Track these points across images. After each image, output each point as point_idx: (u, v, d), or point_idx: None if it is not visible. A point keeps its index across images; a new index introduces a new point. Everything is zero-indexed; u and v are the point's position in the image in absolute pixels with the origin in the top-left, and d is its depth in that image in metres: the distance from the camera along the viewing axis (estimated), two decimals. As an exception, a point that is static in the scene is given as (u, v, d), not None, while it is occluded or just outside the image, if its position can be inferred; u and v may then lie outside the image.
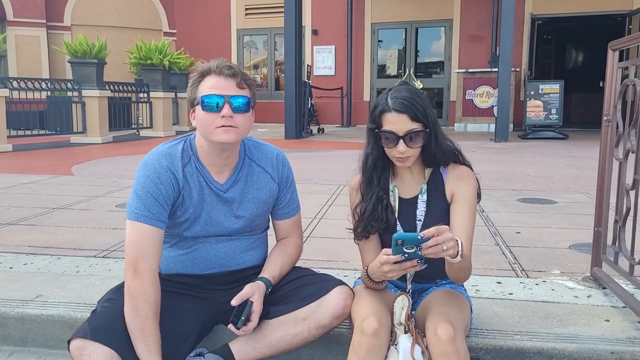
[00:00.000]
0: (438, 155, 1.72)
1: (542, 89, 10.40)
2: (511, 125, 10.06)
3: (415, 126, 1.63)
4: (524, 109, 10.74)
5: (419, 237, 1.37)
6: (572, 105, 14.52)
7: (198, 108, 1.66)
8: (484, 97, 11.95)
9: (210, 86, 1.64)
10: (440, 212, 1.75)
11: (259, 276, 1.79)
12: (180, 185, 1.70)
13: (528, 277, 2.47)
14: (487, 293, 2.25)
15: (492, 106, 11.26)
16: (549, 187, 4.90)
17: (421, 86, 11.94)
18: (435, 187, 1.77)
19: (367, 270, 1.69)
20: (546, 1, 12.72)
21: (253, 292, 1.68)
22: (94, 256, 2.73)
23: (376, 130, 1.68)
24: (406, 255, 1.42)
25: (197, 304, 1.80)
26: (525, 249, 2.91)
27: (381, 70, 14.81)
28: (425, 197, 1.76)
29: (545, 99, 10.36)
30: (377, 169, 1.77)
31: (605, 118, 2.26)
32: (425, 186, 1.77)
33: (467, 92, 12.11)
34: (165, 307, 1.68)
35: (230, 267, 1.84)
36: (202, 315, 1.79)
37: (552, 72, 15.34)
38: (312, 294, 1.75)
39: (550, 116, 10.33)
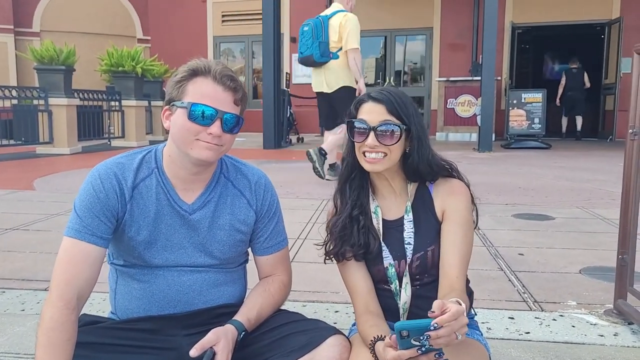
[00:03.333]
0: (422, 168, 1.44)
1: (524, 98, 10.25)
2: (493, 135, 9.85)
3: (392, 119, 1.39)
4: (506, 118, 10.58)
5: (432, 328, 1.04)
6: (550, 115, 14.47)
7: (180, 112, 1.37)
8: (466, 106, 11.77)
9: (205, 93, 1.36)
10: (432, 233, 1.45)
11: (231, 319, 1.46)
12: (126, 198, 1.41)
13: (542, 310, 2.19)
14: (501, 332, 1.96)
15: (474, 115, 11.08)
16: (542, 201, 4.66)
17: None
18: (423, 204, 1.48)
19: (372, 347, 1.33)
20: (526, 10, 12.65)
21: (217, 338, 1.35)
22: (45, 289, 2.36)
23: (348, 120, 1.45)
24: (423, 349, 1.09)
25: (160, 357, 1.45)
26: (532, 275, 2.63)
27: (361, 79, 14.56)
28: (411, 216, 1.47)
29: (528, 108, 10.21)
30: (353, 181, 1.51)
31: (630, 131, 1.99)
32: (410, 204, 1.48)
33: (448, 100, 11.92)
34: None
35: (197, 305, 1.50)
36: (167, 370, 1.45)
37: (530, 82, 15.28)
38: (301, 347, 1.41)
39: (533, 125, 10.18)
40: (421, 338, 1.07)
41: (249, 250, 1.65)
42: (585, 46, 14.16)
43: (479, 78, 9.75)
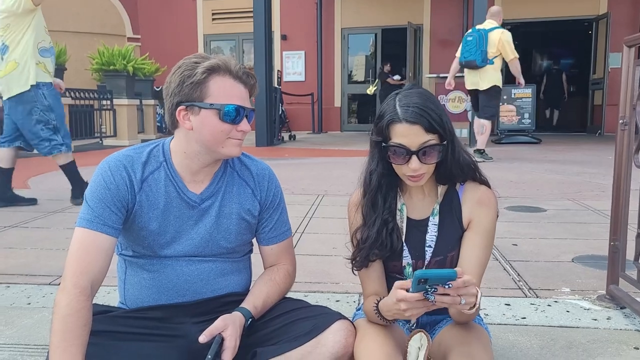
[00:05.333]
0: (455, 170, 1.45)
1: (514, 94, 10.34)
2: (484, 130, 9.94)
3: (431, 138, 1.35)
4: (497, 114, 10.67)
5: (454, 274, 1.12)
6: (540, 110, 14.60)
7: (209, 113, 1.40)
8: (456, 102, 11.86)
9: (230, 93, 1.40)
10: (454, 239, 1.48)
11: (238, 307, 1.51)
12: (135, 190, 1.45)
13: (537, 297, 2.25)
14: (498, 318, 2.02)
15: (465, 111, 11.18)
16: (534, 194, 4.74)
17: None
18: (450, 209, 1.49)
19: (376, 306, 1.42)
20: (514, 6, 12.73)
21: (226, 325, 1.40)
22: (49, 283, 2.39)
23: (384, 144, 1.40)
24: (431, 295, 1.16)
25: (170, 344, 1.49)
26: (526, 264, 2.70)
27: (352, 76, 14.63)
28: (437, 219, 1.49)
29: (518, 104, 10.31)
30: (382, 188, 1.48)
31: (621, 121, 2.06)
32: (438, 207, 1.49)
33: (439, 97, 12.00)
34: (131, 354, 1.40)
35: (204, 294, 1.55)
36: (177, 357, 1.48)
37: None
38: (307, 332, 1.46)
39: (523, 121, 10.28)
40: (428, 290, 1.13)
41: (254, 240, 1.70)
42: (574, 42, 14.31)
43: (470, 74, 9.81)
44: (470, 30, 7.20)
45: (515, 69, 7.04)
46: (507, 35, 6.89)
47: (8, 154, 4.22)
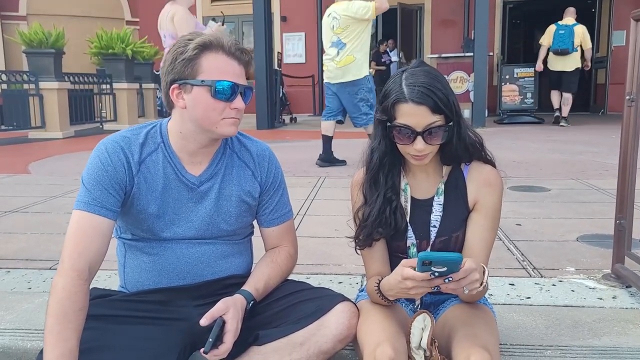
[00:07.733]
0: (460, 151, 1.42)
1: (517, 73, 10.24)
2: (486, 111, 9.86)
3: (437, 119, 1.32)
4: (499, 94, 10.58)
5: (459, 258, 1.15)
6: (542, 90, 14.50)
7: (201, 90, 1.37)
8: (458, 82, 11.72)
9: (222, 69, 1.37)
10: (459, 219, 1.46)
11: (239, 289, 1.49)
12: (133, 172, 1.43)
13: (542, 276, 2.23)
14: (502, 298, 2.00)
15: (467, 91, 11.07)
16: (537, 174, 4.70)
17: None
18: (455, 189, 1.47)
19: (377, 286, 1.40)
20: (517, -16, 12.61)
21: (227, 307, 1.38)
22: (49, 268, 2.38)
23: (388, 124, 1.37)
24: (436, 274, 1.16)
25: (171, 327, 1.48)
26: (530, 244, 2.67)
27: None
28: (442, 199, 1.46)
29: (520, 83, 10.21)
30: (384, 167, 1.46)
31: (628, 97, 2.01)
32: (443, 186, 1.47)
33: (440, 77, 11.87)
34: (132, 337, 1.39)
35: (205, 276, 1.53)
36: (178, 340, 1.47)
37: (522, 57, 15.25)
38: (310, 314, 1.45)
39: (525, 100, 10.19)
40: (444, 267, 1.15)
41: (254, 222, 1.68)
42: (576, 20, 14.11)
43: (471, 54, 9.73)
44: (555, 27, 9.10)
45: (589, 55, 9.17)
46: (585, 29, 9.03)
47: (331, 125, 5.43)
